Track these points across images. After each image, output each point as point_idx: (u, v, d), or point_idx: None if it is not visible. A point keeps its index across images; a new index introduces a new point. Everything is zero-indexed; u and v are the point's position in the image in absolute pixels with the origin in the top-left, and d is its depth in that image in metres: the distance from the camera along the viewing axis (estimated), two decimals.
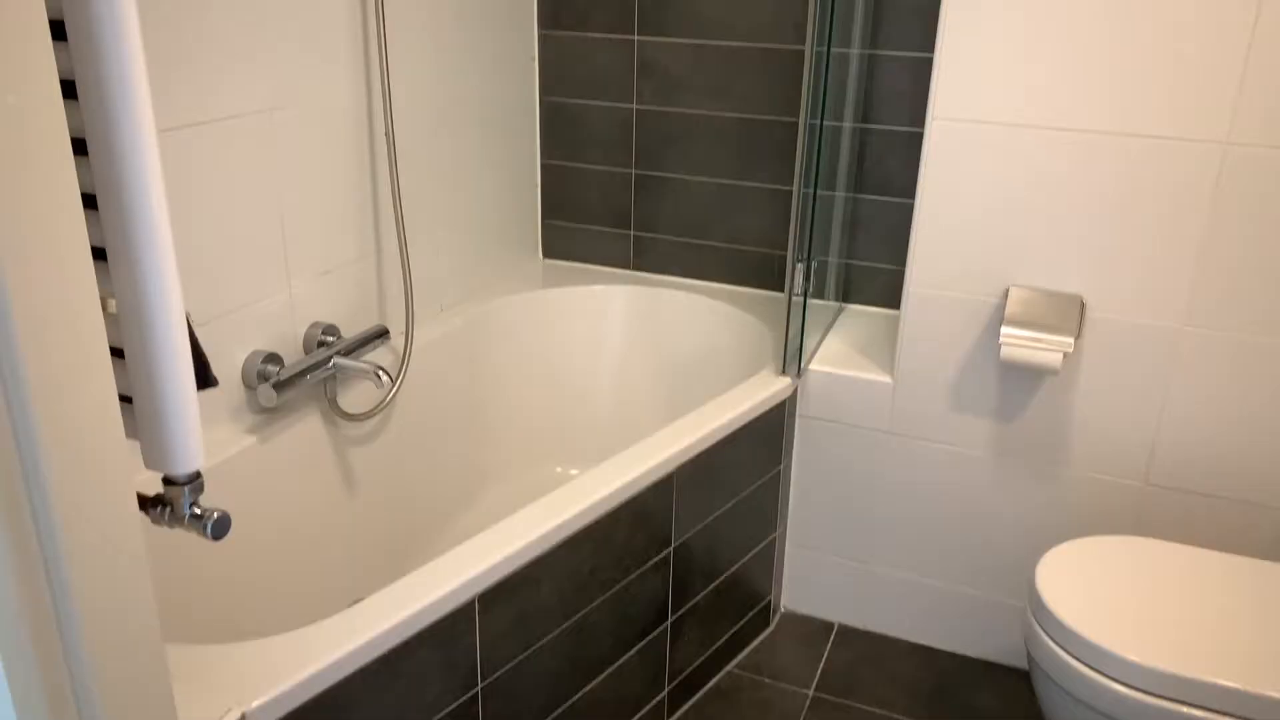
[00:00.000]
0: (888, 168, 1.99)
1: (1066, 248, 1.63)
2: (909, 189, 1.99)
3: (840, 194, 1.98)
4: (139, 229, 0.68)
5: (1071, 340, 1.58)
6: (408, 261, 1.72)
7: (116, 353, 0.75)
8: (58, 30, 0.66)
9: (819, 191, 1.79)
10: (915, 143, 1.95)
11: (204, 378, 0.91)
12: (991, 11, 1.54)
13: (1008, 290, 1.68)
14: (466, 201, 2.04)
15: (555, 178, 2.30)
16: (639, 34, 2.11)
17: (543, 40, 2.19)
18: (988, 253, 1.67)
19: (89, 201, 0.71)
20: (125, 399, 0.76)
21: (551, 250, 2.37)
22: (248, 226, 1.50)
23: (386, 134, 1.69)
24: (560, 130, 2.25)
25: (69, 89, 0.67)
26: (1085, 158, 1.57)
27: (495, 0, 2.01)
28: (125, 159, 0.66)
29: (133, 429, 0.75)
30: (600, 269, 2.32)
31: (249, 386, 1.54)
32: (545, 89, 2.23)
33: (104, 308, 0.75)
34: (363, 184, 1.73)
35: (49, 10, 0.66)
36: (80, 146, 0.69)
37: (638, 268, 2.31)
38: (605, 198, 2.27)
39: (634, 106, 2.17)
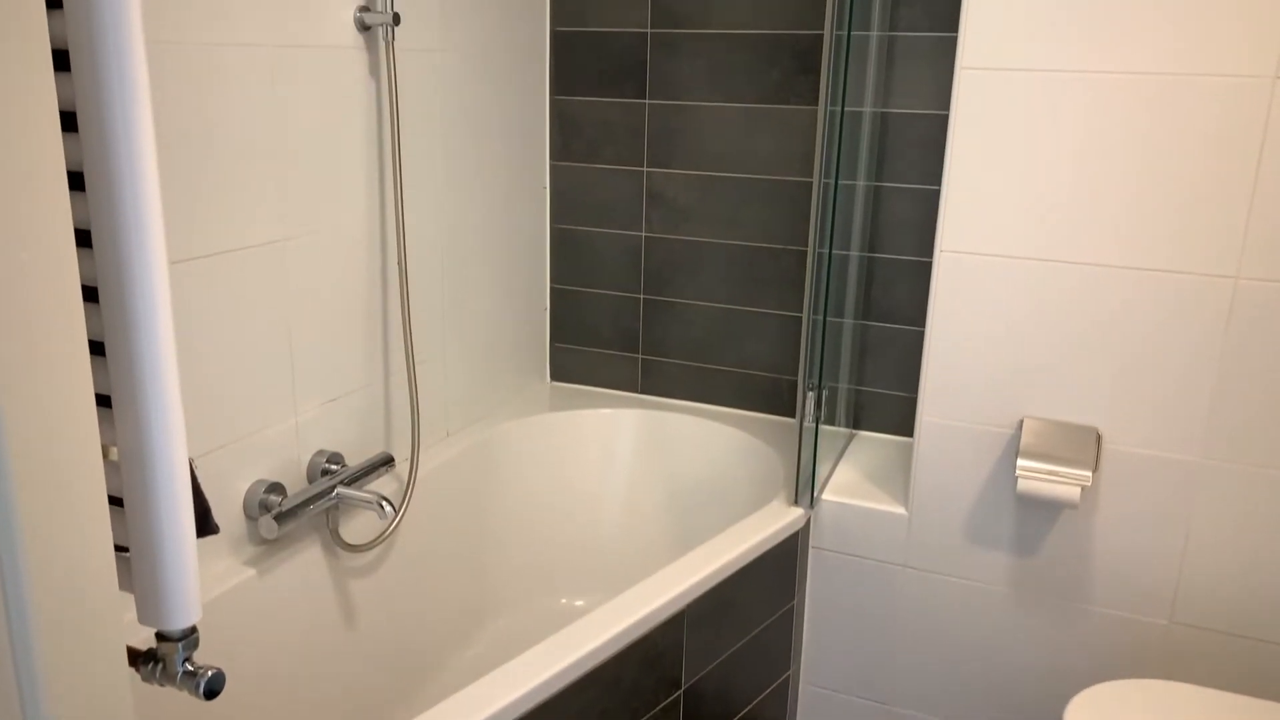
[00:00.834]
0: (895, 295, 2.00)
1: (1079, 379, 1.61)
2: (917, 316, 1.99)
3: (849, 321, 1.98)
4: (146, 377, 0.67)
5: (1089, 474, 1.55)
6: (416, 388, 1.71)
7: (114, 500, 0.73)
8: (75, 179, 0.66)
9: (828, 318, 1.79)
10: (922, 271, 1.96)
11: (204, 525, 0.88)
12: (998, 146, 1.57)
13: (1022, 421, 1.66)
14: (475, 326, 2.05)
15: (564, 302, 2.31)
16: (648, 166, 2.15)
17: (554, 170, 2.24)
18: (1000, 383, 1.66)
19: (95, 347, 0.69)
20: (120, 548, 0.73)
21: (559, 373, 2.37)
22: (257, 355, 1.49)
23: (399, 262, 1.70)
24: (570, 256, 2.28)
25: (82, 236, 0.67)
26: (1095, 290, 1.57)
27: (510, 132, 2.06)
28: (136, 306, 0.66)
29: (127, 581, 0.72)
30: (608, 392, 2.31)
31: (250, 517, 1.50)
32: (556, 216, 2.27)
33: (105, 455, 0.73)
34: (373, 311, 1.73)
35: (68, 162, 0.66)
36: (90, 293, 0.68)
37: (645, 391, 2.29)
38: (614, 322, 2.28)
39: (643, 234, 2.20)
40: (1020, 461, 1.58)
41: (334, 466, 1.63)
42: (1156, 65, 1.46)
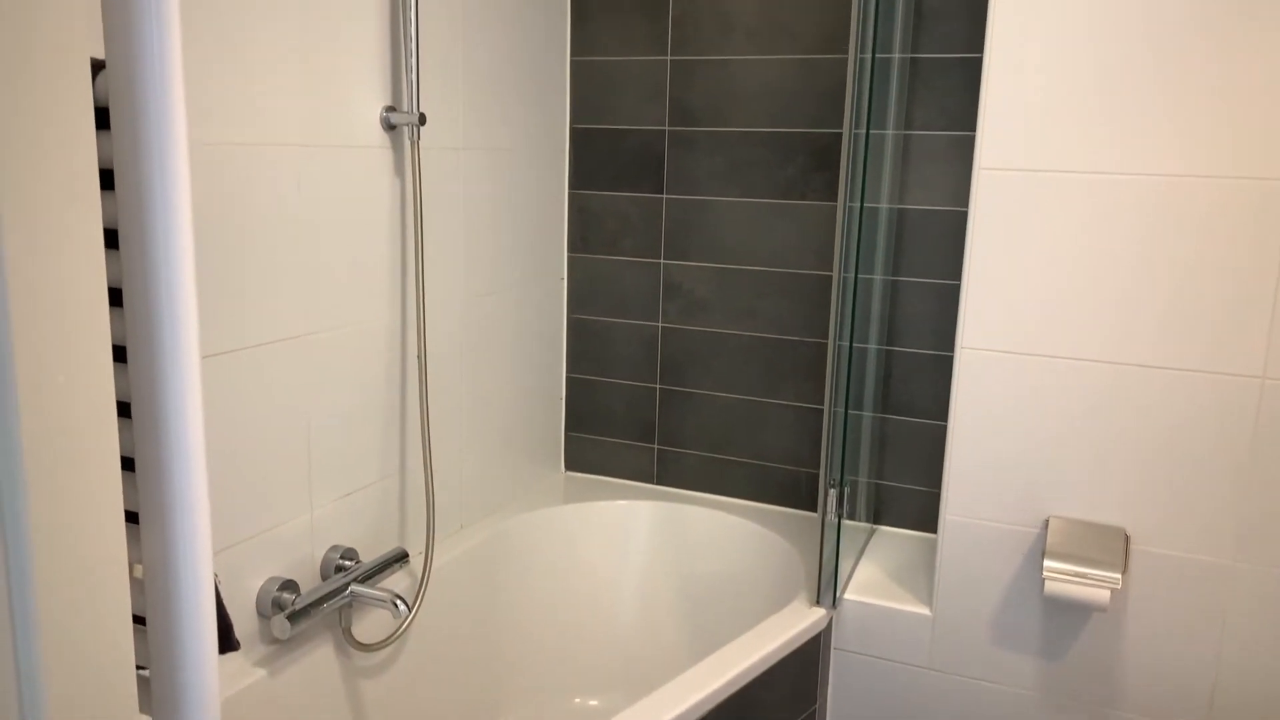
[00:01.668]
0: (914, 389, 1.99)
1: (1105, 478, 1.59)
2: (936, 410, 1.98)
3: (868, 414, 1.97)
4: (176, 494, 0.66)
5: (1119, 575, 1.52)
6: (432, 483, 1.69)
7: (136, 618, 0.71)
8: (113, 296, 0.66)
9: (849, 411, 1.78)
10: (941, 365, 1.96)
11: (226, 641, 0.86)
12: (1018, 245, 1.58)
13: (1047, 520, 1.63)
14: (491, 416, 2.04)
15: (580, 391, 2.31)
16: (665, 258, 2.17)
17: (572, 262, 2.26)
18: (1024, 482, 1.64)
19: (125, 461, 0.69)
20: (139, 666, 0.71)
21: (574, 463, 2.35)
22: (275, 451, 1.48)
23: (419, 355, 1.71)
24: (586, 346, 2.28)
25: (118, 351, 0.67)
26: (1119, 389, 1.56)
27: (529, 224, 2.09)
28: (168, 423, 0.65)
29: (146, 703, 0.70)
30: (623, 483, 2.29)
31: (263, 616, 1.47)
32: (573, 307, 2.28)
33: (130, 572, 0.72)
34: (391, 403, 1.73)
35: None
36: (123, 408, 0.68)
37: (661, 482, 2.27)
38: (630, 411, 2.27)
39: (659, 324, 2.21)
40: (1047, 563, 1.55)
41: (348, 563, 1.60)
42: (1178, 167, 1.47)
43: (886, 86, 1.79)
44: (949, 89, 1.87)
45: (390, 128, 1.64)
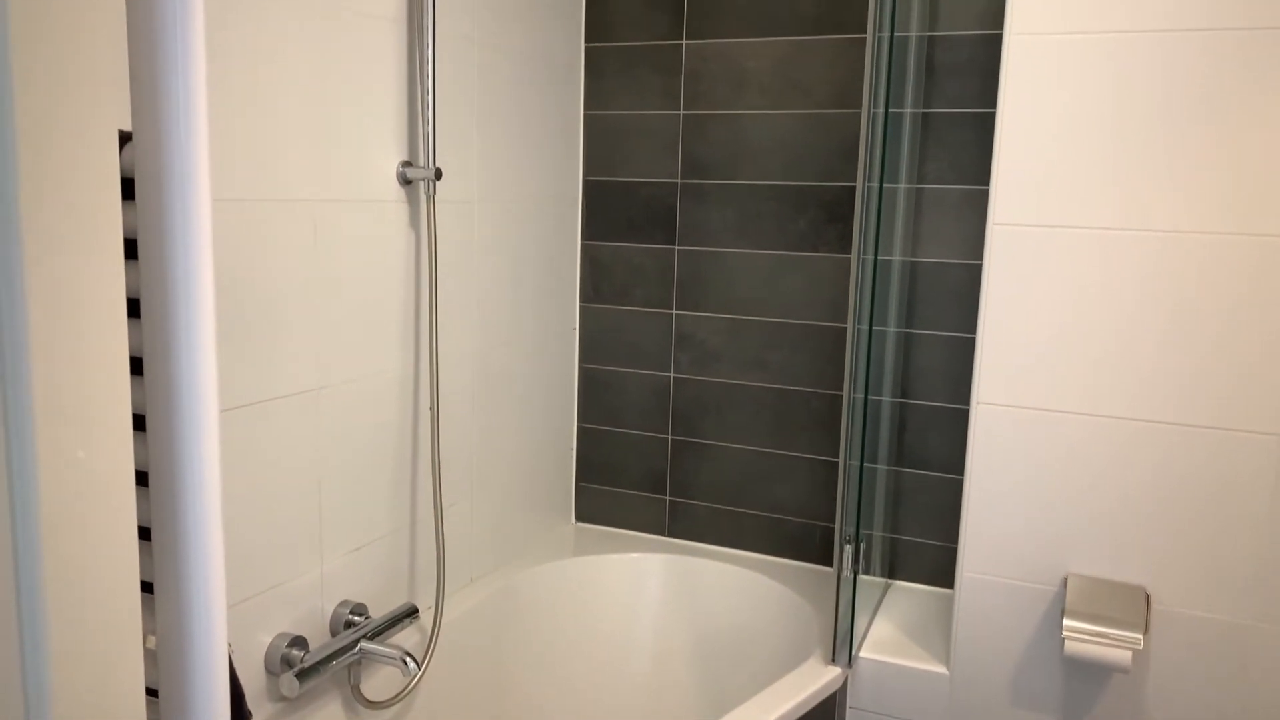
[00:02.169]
0: (929, 442, 1.97)
1: (1124, 536, 1.57)
2: (951, 464, 1.96)
3: (882, 467, 1.95)
4: (191, 566, 0.65)
5: (1140, 636, 1.49)
6: (443, 536, 1.68)
7: (150, 691, 0.70)
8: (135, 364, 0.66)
9: (863, 464, 1.76)
10: (956, 418, 1.94)
11: (239, 712, 0.85)
12: (1033, 300, 1.57)
13: (1066, 578, 1.61)
14: (502, 466, 2.03)
15: (591, 441, 2.30)
16: (677, 308, 2.17)
17: (584, 312, 2.26)
18: (1042, 539, 1.62)
19: (141, 531, 0.68)
20: None
21: (585, 514, 2.33)
22: (286, 505, 1.47)
23: (431, 406, 1.70)
24: (598, 396, 2.28)
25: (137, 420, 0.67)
26: (1138, 445, 1.54)
27: (542, 275, 2.09)
28: (185, 495, 0.64)
29: None
30: (634, 535, 2.27)
31: (271, 673, 1.46)
32: (585, 357, 2.28)
33: (144, 643, 0.71)
34: (402, 455, 1.72)
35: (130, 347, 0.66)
36: (140, 477, 0.67)
37: (673, 534, 2.25)
38: (641, 462, 2.26)
39: (671, 375, 2.20)
40: (1066, 622, 1.53)
41: (357, 618, 1.59)
42: (1194, 223, 1.47)
43: (899, 140, 1.80)
44: (961, 143, 1.88)
45: (406, 182, 1.66)
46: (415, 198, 1.68)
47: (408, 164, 1.65)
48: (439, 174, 1.64)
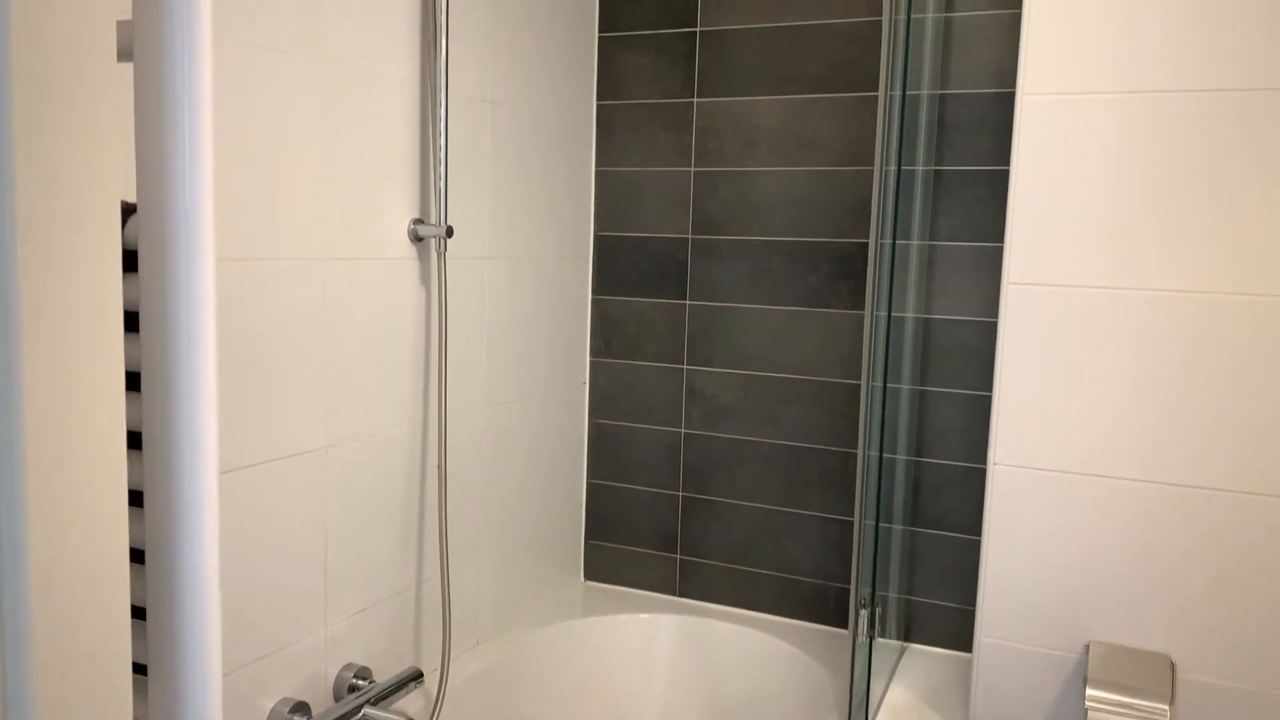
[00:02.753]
0: (944, 501, 1.94)
1: (1147, 602, 1.53)
2: (969, 524, 1.92)
3: (898, 526, 1.92)
4: (187, 649, 0.63)
5: (1166, 707, 1.44)
6: (449, 598, 1.65)
7: None
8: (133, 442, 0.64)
9: (879, 525, 1.73)
10: (972, 477, 1.91)
11: None
12: (1050, 360, 1.55)
13: (1088, 645, 1.56)
14: (510, 524, 2.00)
15: (601, 498, 2.27)
16: (688, 363, 2.16)
17: (594, 367, 2.24)
18: (1063, 604, 1.58)
19: (135, 610, 0.66)
20: None
21: (594, 572, 2.29)
22: (291, 567, 1.45)
23: (439, 465, 1.68)
24: (608, 451, 2.25)
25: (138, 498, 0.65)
26: (1159, 509, 1.51)
27: (552, 330, 2.08)
28: (183, 574, 0.62)
29: None
30: (644, 594, 2.23)
31: None
32: (595, 411, 2.26)
33: None
34: (409, 514, 1.69)
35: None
36: (135, 554, 0.65)
37: (684, 594, 2.21)
38: (651, 520, 2.22)
39: (682, 430, 2.18)
40: (1090, 691, 1.48)
41: (361, 682, 1.55)
42: (1212, 284, 1.45)
43: (911, 197, 1.79)
44: (974, 200, 1.88)
45: (418, 240, 1.65)
46: (426, 255, 1.68)
47: (419, 221, 1.65)
48: (450, 232, 1.63)
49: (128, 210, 0.64)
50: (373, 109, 1.53)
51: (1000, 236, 1.86)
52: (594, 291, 2.23)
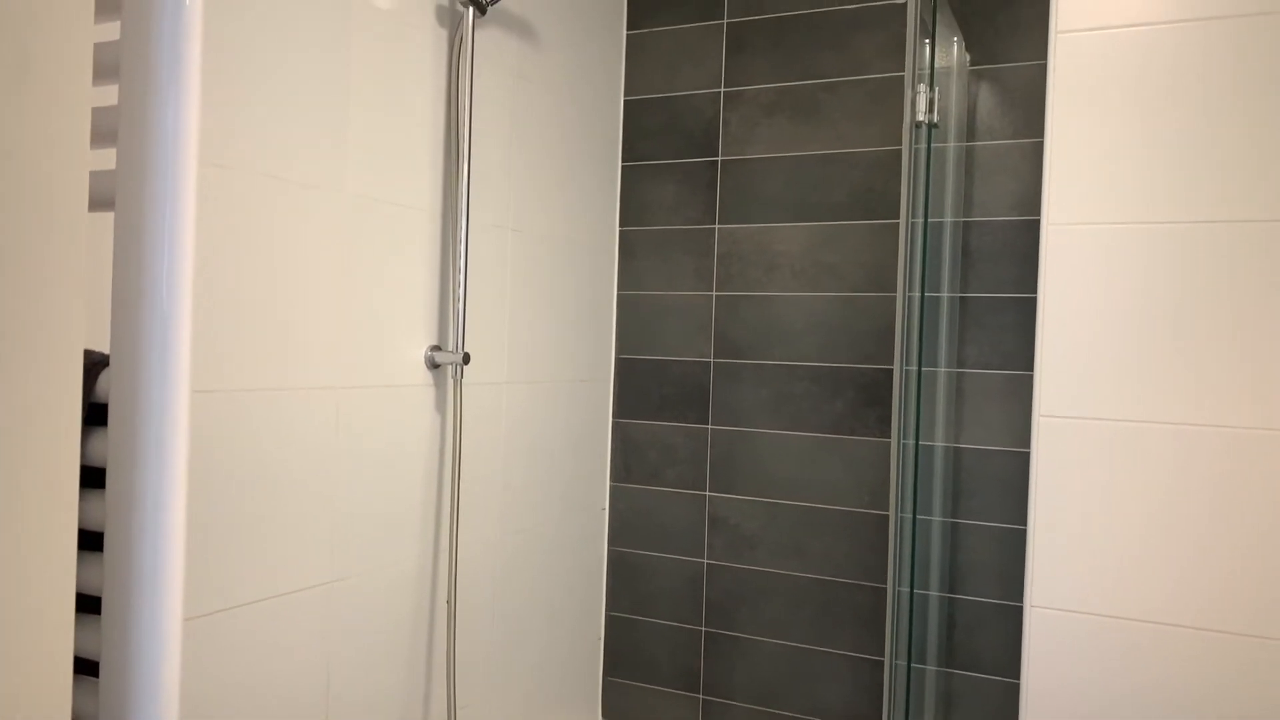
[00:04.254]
0: (980, 642, 1.83)
1: None
2: (1006, 665, 1.81)
3: (931, 668, 1.81)
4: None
5: None
6: None
7: None
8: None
9: (910, 665, 1.63)
10: (1008, 616, 1.81)
11: None
12: (1086, 496, 1.48)
13: None
14: (524, 659, 1.91)
15: (620, 632, 2.18)
16: (711, 490, 2.10)
17: (614, 491, 2.19)
18: None
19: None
20: None
21: (612, 711, 2.18)
22: (292, 707, 1.38)
23: (449, 600, 1.62)
24: (627, 582, 2.17)
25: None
26: (1208, 657, 1.41)
27: (571, 454, 2.04)
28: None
29: None
30: None
31: None
32: (614, 539, 2.19)
33: None
34: (416, 653, 1.62)
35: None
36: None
37: None
38: (672, 655, 2.13)
39: (705, 561, 2.10)
40: None
41: None
42: (1257, 419, 1.39)
43: (937, 324, 1.75)
44: (1002, 327, 1.83)
45: (434, 366, 1.63)
46: (442, 381, 1.66)
47: (436, 348, 1.64)
48: (467, 358, 1.61)
49: (101, 363, 0.61)
50: (392, 237, 1.53)
51: (1029, 364, 1.81)
52: (615, 414, 2.19)
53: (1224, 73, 1.42)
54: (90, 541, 0.61)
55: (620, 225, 2.19)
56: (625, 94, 2.19)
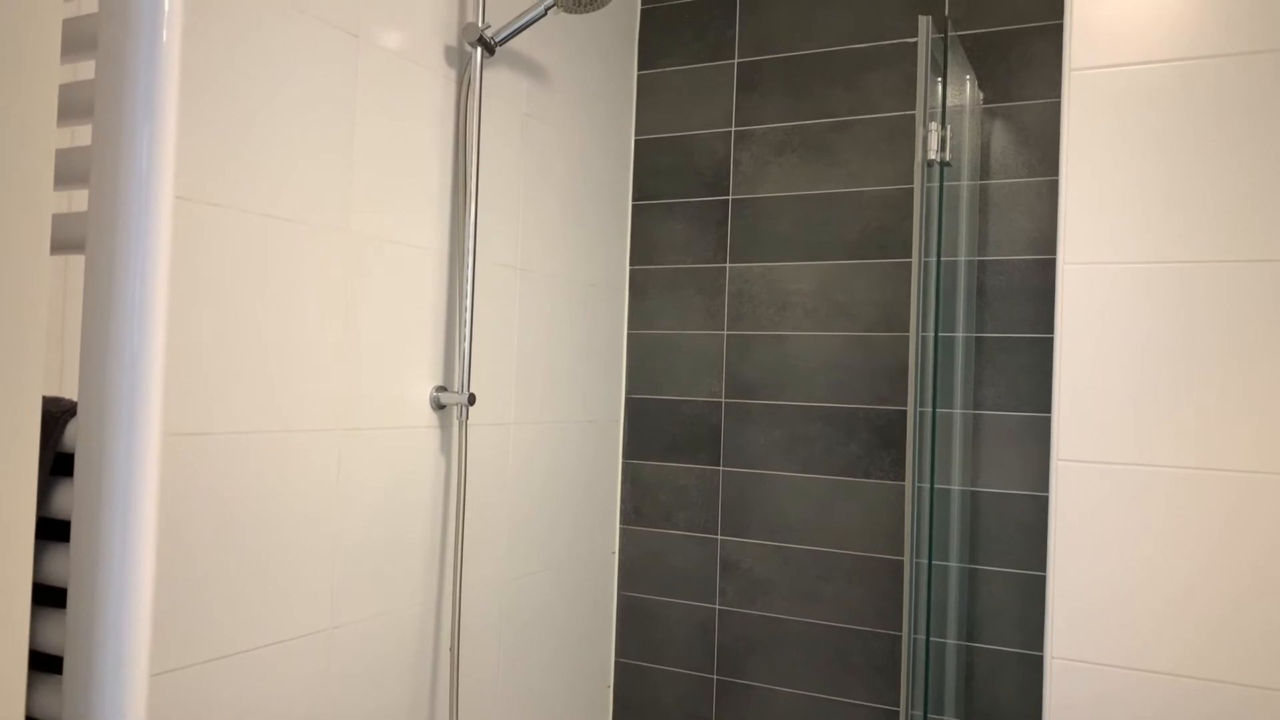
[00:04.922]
0: (1000, 693, 1.77)
1: None
2: (1023, 715, 1.75)
3: None
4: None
5: None
6: None
7: None
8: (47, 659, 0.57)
9: (928, 716, 1.57)
10: (1029, 666, 1.75)
11: None
12: (1107, 543, 1.43)
13: None
14: (531, 709, 1.87)
15: (630, 679, 2.13)
16: (722, 533, 2.05)
17: (624, 534, 2.15)
18: None
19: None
20: None
21: None
22: None
23: (451, 647, 1.58)
24: (637, 628, 2.13)
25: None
26: (1241, 714, 1.35)
27: (579, 496, 2.00)
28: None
29: None
30: None
31: None
32: (624, 583, 2.15)
33: None
34: (419, 701, 1.58)
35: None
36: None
37: None
38: (683, 705, 2.07)
39: (716, 607, 2.06)
40: None
41: None
42: (1264, 464, 1.34)
43: (952, 365, 1.72)
44: (1018, 368, 1.80)
45: (440, 407, 1.61)
46: (448, 423, 1.63)
47: (441, 389, 1.61)
48: (472, 399, 1.59)
49: (70, 410, 0.59)
50: (398, 278, 1.52)
51: (1047, 406, 1.77)
52: (625, 455, 2.16)
53: (1241, 110, 1.39)
54: (54, 596, 0.58)
55: (631, 264, 2.17)
56: (636, 133, 2.18)
